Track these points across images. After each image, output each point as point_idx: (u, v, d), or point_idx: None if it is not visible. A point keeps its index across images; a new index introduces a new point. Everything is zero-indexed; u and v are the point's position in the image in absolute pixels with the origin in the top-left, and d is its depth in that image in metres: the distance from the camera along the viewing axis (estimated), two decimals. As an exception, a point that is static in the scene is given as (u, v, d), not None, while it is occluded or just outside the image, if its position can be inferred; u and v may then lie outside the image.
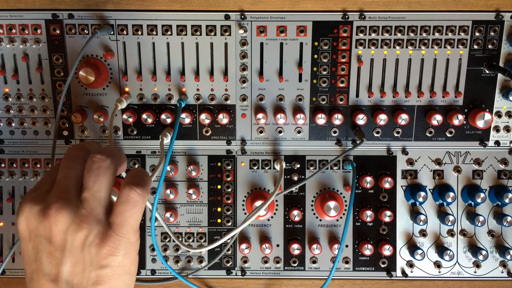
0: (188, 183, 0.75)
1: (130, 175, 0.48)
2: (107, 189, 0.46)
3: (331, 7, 0.69)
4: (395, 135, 0.73)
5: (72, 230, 0.44)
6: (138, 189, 0.46)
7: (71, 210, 0.44)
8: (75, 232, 0.44)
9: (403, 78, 0.71)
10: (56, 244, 0.44)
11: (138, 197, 0.46)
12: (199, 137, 0.74)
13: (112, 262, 0.45)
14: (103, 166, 0.46)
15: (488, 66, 0.70)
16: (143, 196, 0.46)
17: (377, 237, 0.76)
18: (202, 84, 0.72)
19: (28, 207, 0.45)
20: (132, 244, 0.46)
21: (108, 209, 0.46)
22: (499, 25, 0.69)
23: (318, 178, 0.75)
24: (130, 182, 0.46)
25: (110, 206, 0.47)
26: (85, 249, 0.44)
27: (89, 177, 0.45)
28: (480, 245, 0.76)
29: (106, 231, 0.45)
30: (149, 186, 0.49)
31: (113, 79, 0.71)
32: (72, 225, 0.44)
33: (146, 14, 0.69)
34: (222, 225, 0.76)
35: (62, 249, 0.44)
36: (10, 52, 0.71)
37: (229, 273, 0.77)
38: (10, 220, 0.75)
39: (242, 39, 0.70)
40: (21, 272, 0.76)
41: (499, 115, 0.72)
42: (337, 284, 0.77)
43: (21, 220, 0.45)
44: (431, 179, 0.75)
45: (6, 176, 0.75)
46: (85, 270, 0.44)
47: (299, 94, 0.72)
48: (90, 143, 0.50)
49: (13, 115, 0.73)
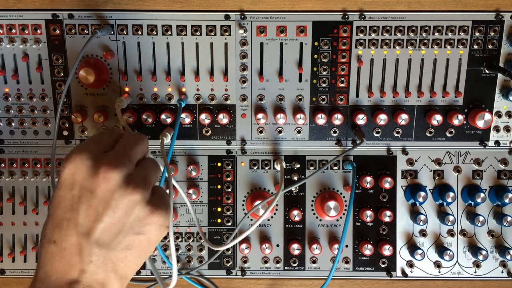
0: (188, 183, 0.75)
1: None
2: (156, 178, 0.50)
3: (331, 7, 0.69)
4: (395, 135, 0.73)
5: (122, 191, 0.44)
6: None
7: (127, 172, 0.45)
8: (126, 194, 0.44)
9: (403, 78, 0.71)
10: (100, 200, 0.44)
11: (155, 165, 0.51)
12: (199, 137, 0.74)
13: (151, 231, 0.46)
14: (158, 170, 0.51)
15: (488, 66, 0.70)
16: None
17: (377, 237, 0.76)
18: (202, 84, 0.72)
19: (81, 158, 0.45)
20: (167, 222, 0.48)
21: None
22: (499, 25, 0.69)
23: (318, 178, 0.75)
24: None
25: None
26: (132, 212, 0.45)
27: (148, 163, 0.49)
28: (480, 245, 0.76)
29: (152, 205, 0.46)
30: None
31: (113, 79, 0.71)
32: (123, 186, 0.44)
33: (146, 14, 0.69)
34: (222, 225, 0.76)
35: (105, 206, 0.44)
36: (10, 52, 0.71)
37: (229, 273, 0.77)
38: (10, 220, 0.75)
39: (242, 39, 0.70)
40: (21, 272, 0.76)
41: (499, 115, 0.72)
42: (337, 284, 0.77)
43: (69, 168, 0.45)
44: (431, 179, 0.75)
45: (6, 176, 0.75)
46: (121, 233, 0.45)
47: (299, 94, 0.72)
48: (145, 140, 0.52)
49: (13, 115, 0.73)
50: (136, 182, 0.45)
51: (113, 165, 0.44)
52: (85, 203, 0.44)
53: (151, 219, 0.46)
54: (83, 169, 0.44)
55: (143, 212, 0.45)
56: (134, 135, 0.51)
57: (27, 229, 0.76)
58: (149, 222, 0.46)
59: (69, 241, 0.44)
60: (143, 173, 0.47)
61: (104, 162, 0.44)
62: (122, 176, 0.44)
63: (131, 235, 0.45)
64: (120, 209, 0.44)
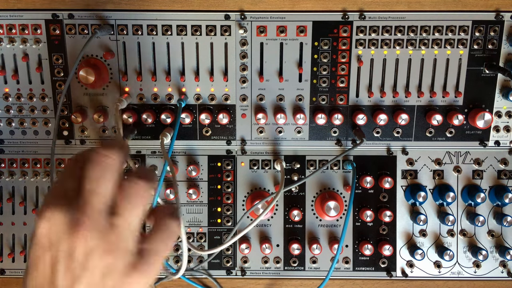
0: (188, 183, 0.75)
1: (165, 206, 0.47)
2: (141, 217, 0.44)
3: (331, 7, 0.69)
4: (395, 135, 0.73)
5: (98, 254, 0.42)
6: (176, 221, 0.46)
7: (100, 234, 0.42)
8: (101, 257, 0.42)
9: (403, 78, 0.71)
10: (76, 261, 0.42)
11: (177, 229, 0.46)
12: (199, 137, 0.74)
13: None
14: (141, 193, 0.43)
15: (488, 66, 0.70)
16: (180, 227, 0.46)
17: (377, 237, 0.76)
18: (202, 84, 0.72)
19: (53, 214, 0.42)
20: (155, 274, 0.45)
21: (137, 235, 0.44)
22: (499, 25, 0.69)
23: (318, 178, 0.75)
24: (167, 213, 0.46)
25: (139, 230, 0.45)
26: (108, 276, 0.42)
27: (125, 205, 0.43)
28: (480, 245, 0.76)
29: (134, 262, 0.43)
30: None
31: (113, 79, 0.71)
32: (98, 249, 0.42)
33: (146, 14, 0.69)
34: (222, 225, 0.76)
35: (83, 268, 0.42)
36: (10, 52, 0.71)
37: (229, 273, 0.77)
38: (10, 220, 0.75)
39: (242, 39, 0.70)
40: (21, 272, 0.76)
41: (499, 115, 0.72)
42: (337, 284, 0.77)
43: (43, 226, 0.42)
44: (431, 179, 0.75)
45: (6, 176, 0.75)
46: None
47: (299, 94, 0.72)
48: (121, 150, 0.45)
49: (13, 115, 0.73)
50: (112, 243, 0.42)
51: (87, 224, 0.42)
52: (63, 264, 0.42)
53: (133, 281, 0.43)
54: (57, 227, 0.42)
55: (119, 278, 0.43)
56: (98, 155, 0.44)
57: (27, 229, 0.76)
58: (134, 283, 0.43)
59: None
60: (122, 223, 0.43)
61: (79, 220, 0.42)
62: (98, 235, 0.42)
63: None
64: (97, 271, 0.42)
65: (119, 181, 0.44)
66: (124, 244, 0.43)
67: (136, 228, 0.44)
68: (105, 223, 0.42)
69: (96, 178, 0.43)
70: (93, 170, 0.43)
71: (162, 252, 0.45)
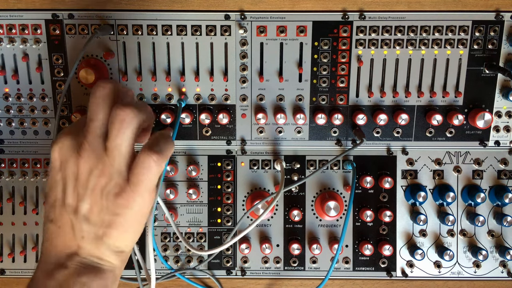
0: (188, 183, 0.75)
1: (152, 139, 0.50)
2: (129, 143, 0.48)
3: (331, 7, 0.69)
4: (395, 135, 0.73)
5: (95, 174, 0.47)
6: (154, 156, 0.48)
7: (96, 155, 0.47)
8: (98, 177, 0.47)
9: (403, 78, 0.71)
10: (80, 181, 0.48)
11: (153, 164, 0.48)
12: (199, 137, 0.74)
13: (126, 213, 0.48)
14: (126, 120, 0.47)
15: (488, 66, 0.70)
16: (159, 164, 0.48)
17: (377, 237, 0.76)
18: (202, 84, 0.72)
19: (62, 139, 0.48)
20: (145, 202, 0.49)
21: (131, 160, 0.48)
22: (499, 25, 0.69)
23: (318, 178, 0.75)
24: (149, 147, 0.48)
25: (134, 156, 0.49)
26: (104, 194, 0.48)
27: (112, 129, 0.47)
28: (480, 245, 0.76)
29: (124, 184, 0.48)
30: (168, 154, 0.50)
31: (113, 79, 0.71)
32: (95, 169, 0.47)
33: (146, 14, 0.69)
34: (222, 225, 0.76)
35: (84, 187, 0.48)
36: (10, 52, 0.71)
37: (229, 273, 0.77)
38: (10, 220, 0.75)
39: (242, 39, 0.70)
40: (21, 272, 0.76)
41: (499, 115, 0.72)
42: (337, 284, 0.77)
43: (55, 150, 0.49)
44: (431, 179, 0.75)
45: (6, 176, 0.75)
46: (102, 211, 0.48)
47: (299, 94, 0.72)
48: (118, 85, 0.50)
49: (13, 115, 0.73)
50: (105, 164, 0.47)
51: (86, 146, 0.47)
52: (70, 184, 0.48)
53: (123, 201, 0.48)
54: (64, 150, 0.48)
55: (112, 197, 0.48)
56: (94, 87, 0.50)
57: (27, 229, 0.76)
58: (122, 205, 0.48)
59: (63, 219, 0.48)
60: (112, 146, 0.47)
61: (81, 142, 0.48)
62: (94, 156, 0.47)
63: (109, 215, 0.48)
64: (96, 190, 0.48)
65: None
66: (116, 166, 0.48)
67: (128, 152, 0.48)
68: (101, 146, 0.48)
69: (92, 107, 0.48)
70: (91, 100, 0.49)
71: (143, 183, 0.48)
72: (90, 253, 0.49)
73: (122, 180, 0.48)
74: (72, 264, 0.48)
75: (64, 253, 0.48)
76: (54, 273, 0.48)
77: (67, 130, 0.50)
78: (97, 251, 0.49)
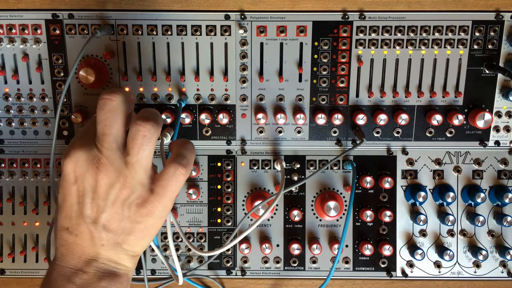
0: (188, 183, 0.75)
1: (177, 150, 0.51)
2: (150, 156, 0.50)
3: (331, 7, 0.69)
4: (395, 135, 0.73)
5: (117, 187, 0.49)
6: (182, 170, 0.50)
7: (117, 171, 0.48)
8: (119, 190, 0.49)
9: (403, 78, 0.71)
10: (99, 194, 0.49)
11: (182, 178, 0.50)
12: (199, 137, 0.74)
13: (147, 221, 0.50)
14: (147, 135, 0.49)
15: (488, 66, 0.70)
16: (186, 175, 0.50)
17: (377, 237, 0.76)
18: (202, 84, 0.72)
19: (77, 153, 0.49)
20: (167, 210, 0.51)
21: (151, 172, 0.50)
22: (499, 25, 0.69)
23: (318, 178, 0.75)
24: (176, 160, 0.50)
25: (153, 168, 0.51)
26: (125, 205, 0.49)
27: (134, 145, 0.49)
28: (480, 245, 0.76)
29: (147, 196, 0.49)
30: (192, 164, 0.52)
31: (113, 79, 0.71)
32: (117, 183, 0.48)
33: (146, 14, 0.69)
34: (222, 225, 0.76)
35: (105, 199, 0.49)
36: (10, 52, 0.71)
37: (229, 273, 0.77)
38: (10, 220, 0.75)
39: (242, 39, 0.70)
40: (21, 272, 0.76)
41: (499, 115, 0.72)
42: (337, 284, 0.77)
43: (68, 164, 0.49)
44: (431, 179, 0.75)
45: (6, 176, 0.75)
46: (122, 221, 0.49)
47: (299, 94, 0.72)
48: (124, 93, 0.51)
49: (13, 115, 0.73)
50: (127, 177, 0.49)
51: (105, 160, 0.48)
52: (88, 197, 0.49)
53: (146, 211, 0.50)
54: (80, 164, 0.49)
55: (135, 207, 0.49)
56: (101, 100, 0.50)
57: (27, 229, 0.76)
58: (145, 214, 0.50)
59: (80, 228, 0.49)
60: (133, 161, 0.49)
61: (99, 157, 0.48)
62: (114, 171, 0.48)
63: (130, 223, 0.50)
64: (117, 202, 0.49)
65: (128, 122, 0.51)
66: (138, 179, 0.49)
67: (149, 164, 0.50)
68: (120, 161, 0.49)
69: (104, 121, 0.49)
70: (100, 114, 0.49)
71: (169, 194, 0.50)
72: (109, 258, 0.50)
73: (145, 191, 0.50)
74: (90, 270, 0.50)
75: (82, 259, 0.50)
76: (72, 278, 0.49)
77: (78, 143, 0.50)
78: (116, 257, 0.51)
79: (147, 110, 0.52)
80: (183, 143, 0.53)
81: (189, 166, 0.51)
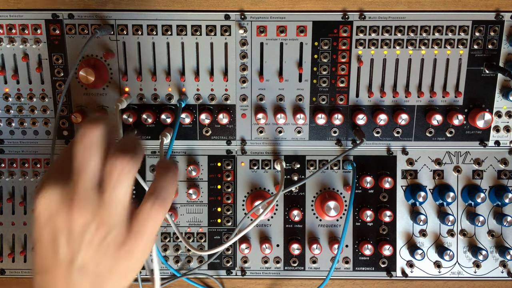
0: (188, 183, 0.75)
1: (156, 184, 0.47)
2: (128, 192, 0.46)
3: (331, 7, 0.69)
4: (395, 135, 0.73)
5: (92, 227, 0.45)
6: (159, 206, 0.46)
7: (92, 210, 0.45)
8: (96, 230, 0.45)
9: (403, 78, 0.71)
10: (74, 235, 0.45)
11: (161, 213, 0.46)
12: (199, 137, 0.74)
13: (126, 261, 0.47)
14: (125, 170, 0.45)
15: (488, 66, 0.70)
16: (165, 210, 0.46)
17: (377, 237, 0.76)
18: (202, 84, 0.72)
19: (50, 189, 0.45)
20: (149, 246, 0.48)
21: (129, 209, 0.46)
22: (499, 25, 0.69)
23: (318, 178, 0.75)
24: (153, 196, 0.46)
25: (132, 204, 0.47)
26: (103, 246, 0.46)
27: (110, 181, 0.45)
28: (480, 245, 0.76)
29: (126, 233, 0.46)
30: (171, 199, 0.48)
31: (113, 79, 0.71)
32: (92, 222, 0.45)
33: (146, 14, 0.69)
34: (222, 225, 0.76)
35: (79, 240, 0.45)
36: (10, 52, 0.71)
37: (229, 273, 0.77)
38: (10, 220, 0.75)
39: (242, 39, 0.70)
40: (21, 272, 0.76)
41: (499, 115, 0.72)
42: (337, 284, 0.77)
43: (41, 201, 0.45)
44: (431, 179, 0.75)
45: (6, 176, 0.75)
46: (100, 263, 0.46)
47: (299, 94, 0.72)
48: (105, 124, 0.47)
49: (13, 115, 0.73)
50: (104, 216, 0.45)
51: (79, 200, 0.44)
52: (62, 238, 0.45)
53: (124, 251, 0.46)
54: (53, 203, 0.45)
55: (113, 248, 0.46)
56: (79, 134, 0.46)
57: (27, 229, 0.76)
58: (123, 254, 0.46)
59: (56, 270, 0.46)
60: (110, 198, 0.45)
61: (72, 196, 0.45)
62: (90, 211, 0.45)
63: (109, 265, 0.46)
64: (93, 242, 0.45)
65: (106, 156, 0.46)
66: (115, 217, 0.45)
67: (126, 201, 0.45)
68: (96, 198, 0.45)
69: (81, 156, 0.45)
70: (77, 148, 0.45)
71: (148, 234, 0.46)
72: None
73: (124, 229, 0.46)
74: None
75: None
76: None
77: (52, 178, 0.46)
78: None
79: (127, 139, 0.48)
80: (167, 170, 0.49)
81: (166, 201, 0.46)
